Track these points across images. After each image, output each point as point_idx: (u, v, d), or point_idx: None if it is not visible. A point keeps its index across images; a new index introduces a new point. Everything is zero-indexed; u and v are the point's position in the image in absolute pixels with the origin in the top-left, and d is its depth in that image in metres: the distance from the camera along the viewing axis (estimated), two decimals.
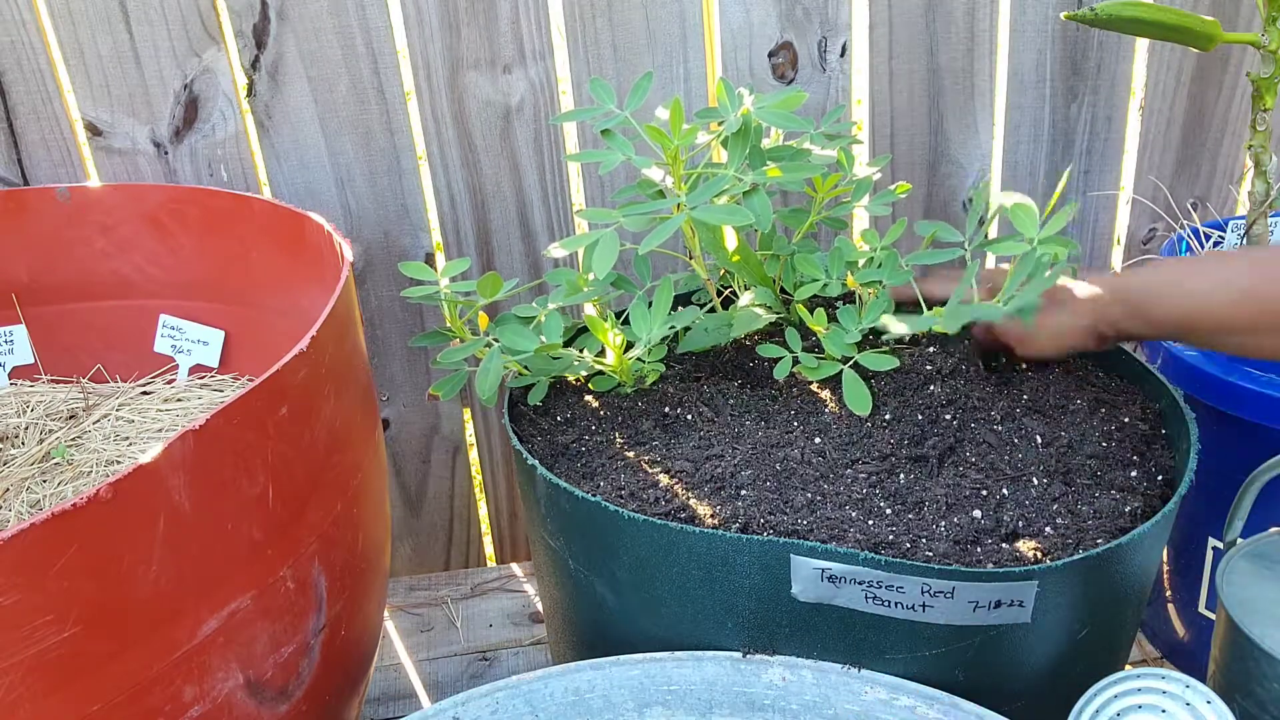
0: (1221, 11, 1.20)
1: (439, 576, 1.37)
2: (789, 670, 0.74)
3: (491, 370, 0.85)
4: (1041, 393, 0.86)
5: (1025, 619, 0.70)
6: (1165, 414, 0.87)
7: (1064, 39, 1.19)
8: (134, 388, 1.12)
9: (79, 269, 1.11)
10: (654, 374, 0.90)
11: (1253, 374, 0.95)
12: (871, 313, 0.86)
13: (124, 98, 1.09)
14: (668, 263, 1.19)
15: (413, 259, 1.19)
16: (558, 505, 0.79)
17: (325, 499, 0.78)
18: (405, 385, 1.25)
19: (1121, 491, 0.78)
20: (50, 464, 0.99)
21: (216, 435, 0.64)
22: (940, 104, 1.21)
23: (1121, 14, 0.90)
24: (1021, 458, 0.80)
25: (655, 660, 0.76)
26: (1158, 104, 1.25)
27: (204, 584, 0.67)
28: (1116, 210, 1.30)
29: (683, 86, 1.15)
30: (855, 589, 0.70)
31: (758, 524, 0.74)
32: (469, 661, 1.23)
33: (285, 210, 1.00)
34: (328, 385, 0.76)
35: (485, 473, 1.33)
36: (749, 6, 1.13)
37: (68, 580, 0.58)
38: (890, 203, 0.94)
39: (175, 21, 1.06)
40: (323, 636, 0.80)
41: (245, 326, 1.11)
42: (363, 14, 1.08)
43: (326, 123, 1.12)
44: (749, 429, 0.84)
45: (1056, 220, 0.81)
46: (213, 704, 0.70)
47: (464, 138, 1.14)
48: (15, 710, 0.58)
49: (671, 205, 0.82)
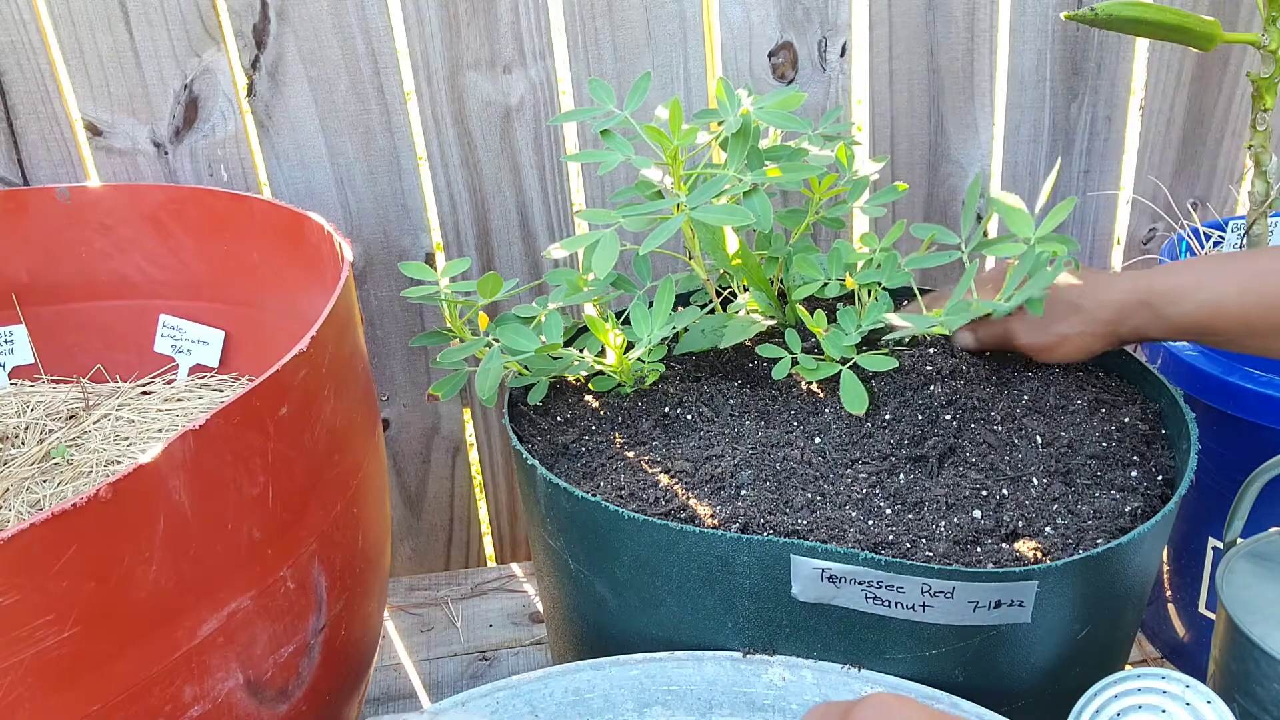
0: (1221, 11, 1.20)
1: (439, 576, 1.37)
2: (789, 670, 0.74)
3: (491, 370, 0.85)
4: (1041, 393, 0.86)
5: (1025, 619, 0.70)
6: (1165, 414, 0.87)
7: (1064, 39, 1.19)
8: (134, 388, 1.12)
9: (79, 269, 1.11)
10: (654, 374, 0.90)
11: (1253, 374, 0.95)
12: (871, 314, 0.86)
13: (124, 98, 1.09)
14: (668, 263, 1.19)
15: (413, 259, 1.19)
16: (558, 505, 0.79)
17: (325, 499, 0.78)
18: (405, 385, 1.25)
19: (1121, 491, 0.78)
20: (50, 464, 0.99)
21: (216, 435, 0.64)
22: (940, 104, 1.21)
23: (1121, 14, 0.90)
24: (1021, 458, 0.80)
25: (655, 660, 0.76)
26: (1158, 104, 1.25)
27: (204, 584, 0.67)
28: (1116, 210, 1.30)
29: (682, 87, 1.15)
30: (855, 589, 0.70)
31: (758, 524, 0.74)
32: (469, 661, 1.23)
33: (285, 210, 1.00)
34: (328, 385, 0.76)
35: (485, 473, 1.33)
36: (749, 6, 1.13)
37: (68, 580, 0.58)
38: (889, 203, 0.94)
39: (175, 21, 1.06)
40: (323, 636, 0.80)
41: (245, 326, 1.11)
42: (363, 14, 1.08)
43: (326, 123, 1.12)
44: (749, 429, 0.84)
45: (1054, 217, 0.81)
46: (213, 704, 0.70)
47: (464, 138, 1.14)
48: (15, 710, 0.58)
49: (671, 206, 0.82)
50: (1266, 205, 0.99)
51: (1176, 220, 1.27)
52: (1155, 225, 1.32)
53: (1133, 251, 1.33)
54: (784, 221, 0.95)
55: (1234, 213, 1.32)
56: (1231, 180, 1.31)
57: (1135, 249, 1.33)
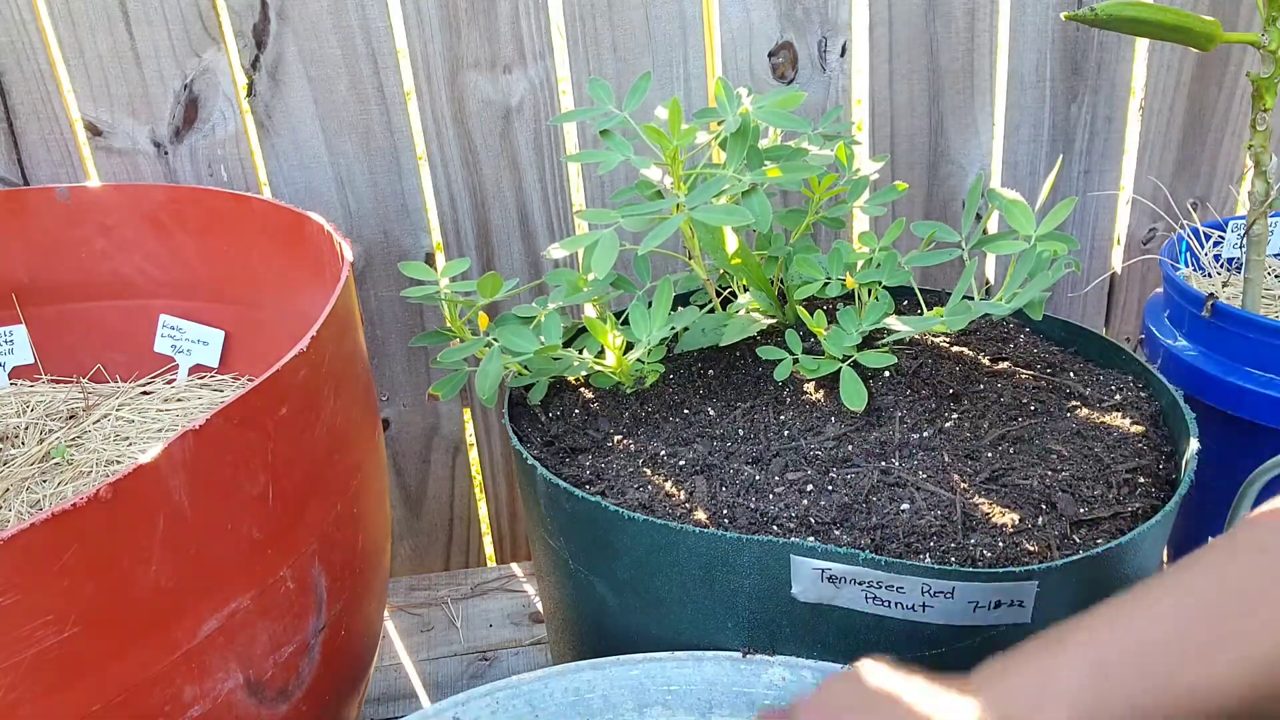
0: (1221, 11, 1.20)
1: (439, 576, 1.37)
2: (789, 670, 0.74)
3: (491, 370, 0.85)
4: (1042, 392, 0.86)
5: (1025, 619, 0.70)
6: (1165, 414, 0.87)
7: (1064, 39, 1.19)
8: (134, 388, 1.12)
9: (79, 269, 1.11)
10: (654, 374, 0.90)
11: (1253, 374, 0.95)
12: (871, 314, 0.86)
13: (124, 98, 1.09)
14: (667, 263, 1.19)
15: (413, 259, 1.19)
16: (558, 505, 0.79)
17: (325, 499, 0.78)
18: (405, 385, 1.25)
19: (1122, 491, 0.78)
20: (50, 464, 0.99)
21: (216, 435, 0.64)
22: (940, 104, 1.21)
23: (1121, 14, 0.90)
24: (1022, 457, 0.80)
25: (655, 660, 0.76)
26: (1158, 104, 1.25)
27: (204, 584, 0.67)
28: (1116, 210, 1.30)
29: (682, 86, 1.15)
30: (855, 589, 0.70)
31: (758, 524, 0.74)
32: (469, 661, 1.23)
33: (285, 210, 1.00)
34: (328, 385, 0.76)
35: (485, 473, 1.33)
36: (749, 6, 1.13)
37: (68, 580, 0.58)
38: (889, 202, 0.94)
39: (175, 21, 1.06)
40: (323, 636, 0.80)
41: (245, 326, 1.11)
42: (363, 14, 1.08)
43: (326, 123, 1.12)
44: (749, 428, 0.84)
45: (1054, 216, 0.81)
46: (213, 704, 0.70)
47: (464, 138, 1.14)
48: (15, 710, 0.58)
49: (671, 205, 0.82)
50: (1266, 205, 0.99)
51: (1176, 220, 1.27)
52: (1155, 225, 1.32)
53: (1133, 251, 1.33)
54: (784, 221, 0.95)
55: (1234, 213, 1.32)
56: (1231, 180, 1.31)
57: (1135, 249, 1.33)
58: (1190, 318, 1.03)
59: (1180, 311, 1.05)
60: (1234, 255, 1.17)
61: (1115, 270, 1.34)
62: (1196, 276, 1.17)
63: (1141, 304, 1.36)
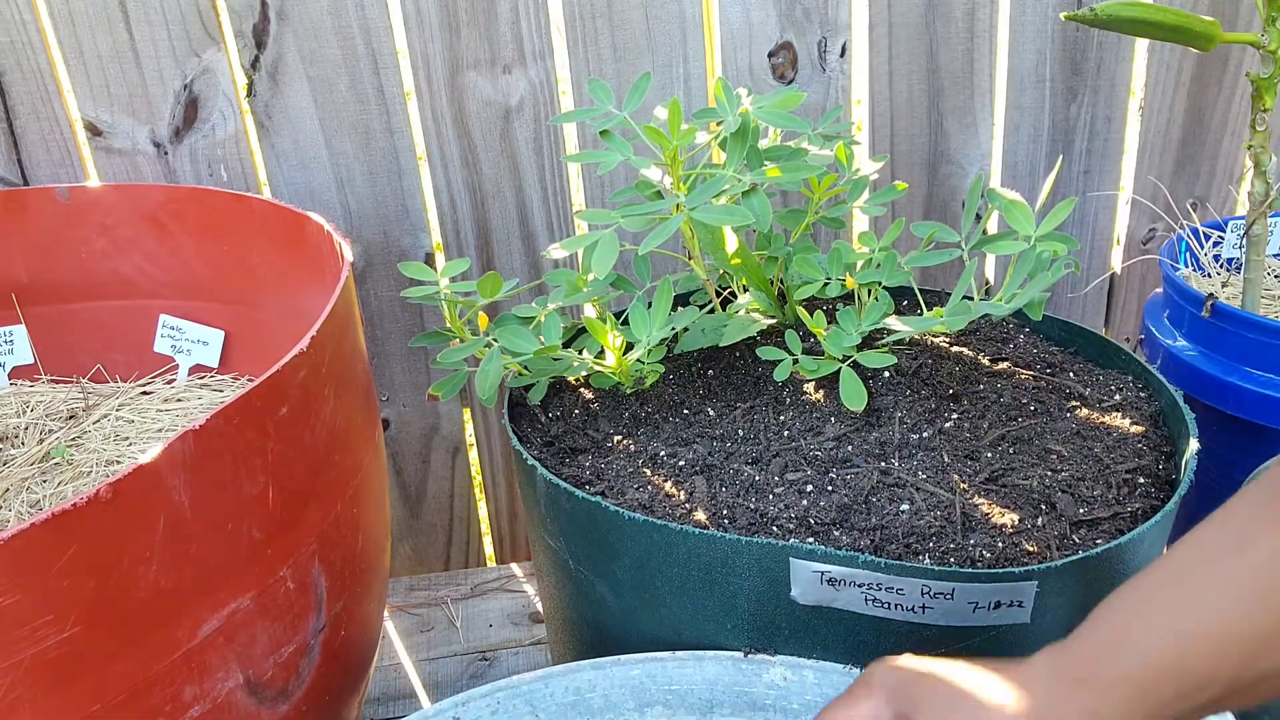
0: (1221, 11, 1.20)
1: (439, 576, 1.37)
2: (790, 670, 0.74)
3: (491, 371, 0.85)
4: (1041, 393, 0.86)
5: (1025, 619, 0.70)
6: (1165, 414, 0.87)
7: (1064, 39, 1.19)
8: (134, 388, 1.12)
9: (79, 269, 1.11)
10: (654, 375, 0.90)
11: (1253, 374, 0.95)
12: (871, 314, 0.86)
13: (124, 98, 1.09)
14: (667, 263, 1.19)
15: (413, 259, 1.19)
16: (558, 505, 0.79)
17: (325, 499, 0.78)
18: (405, 385, 1.25)
19: (1121, 491, 0.78)
20: (50, 464, 0.99)
21: (216, 435, 0.64)
22: (940, 104, 1.21)
23: (1121, 14, 0.90)
24: (1022, 457, 0.80)
25: (656, 660, 0.76)
26: (1157, 104, 1.25)
27: (204, 584, 0.67)
28: (1116, 210, 1.30)
29: (682, 87, 1.15)
30: (855, 591, 0.70)
31: (758, 525, 0.74)
32: (469, 661, 1.23)
33: (285, 210, 1.00)
34: (328, 385, 0.76)
35: (485, 473, 1.33)
36: (749, 6, 1.13)
37: (68, 580, 0.58)
38: (889, 202, 0.94)
39: (175, 21, 1.06)
40: (323, 636, 0.80)
41: (245, 326, 1.11)
42: (363, 14, 1.08)
43: (326, 123, 1.12)
44: (749, 428, 0.84)
45: (1054, 216, 0.81)
46: (213, 704, 0.70)
47: (464, 138, 1.14)
48: (15, 710, 0.58)
49: (670, 206, 0.82)
50: (1266, 205, 0.99)
51: (1176, 220, 1.28)
52: (1155, 225, 1.32)
53: (1132, 251, 1.33)
54: (784, 221, 0.95)
55: (1234, 213, 1.32)
56: (1231, 180, 1.31)
57: (1135, 249, 1.33)
58: (1190, 318, 1.03)
59: (1180, 311, 1.05)
60: (1234, 255, 1.17)
61: (1115, 270, 1.34)
62: (1196, 277, 1.17)
63: (1141, 304, 1.36)
